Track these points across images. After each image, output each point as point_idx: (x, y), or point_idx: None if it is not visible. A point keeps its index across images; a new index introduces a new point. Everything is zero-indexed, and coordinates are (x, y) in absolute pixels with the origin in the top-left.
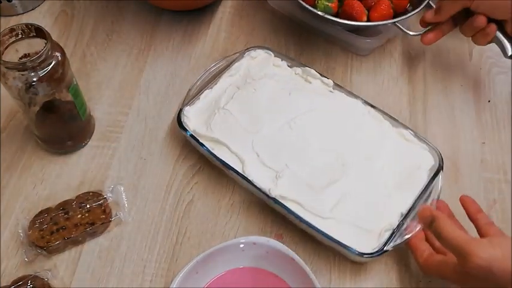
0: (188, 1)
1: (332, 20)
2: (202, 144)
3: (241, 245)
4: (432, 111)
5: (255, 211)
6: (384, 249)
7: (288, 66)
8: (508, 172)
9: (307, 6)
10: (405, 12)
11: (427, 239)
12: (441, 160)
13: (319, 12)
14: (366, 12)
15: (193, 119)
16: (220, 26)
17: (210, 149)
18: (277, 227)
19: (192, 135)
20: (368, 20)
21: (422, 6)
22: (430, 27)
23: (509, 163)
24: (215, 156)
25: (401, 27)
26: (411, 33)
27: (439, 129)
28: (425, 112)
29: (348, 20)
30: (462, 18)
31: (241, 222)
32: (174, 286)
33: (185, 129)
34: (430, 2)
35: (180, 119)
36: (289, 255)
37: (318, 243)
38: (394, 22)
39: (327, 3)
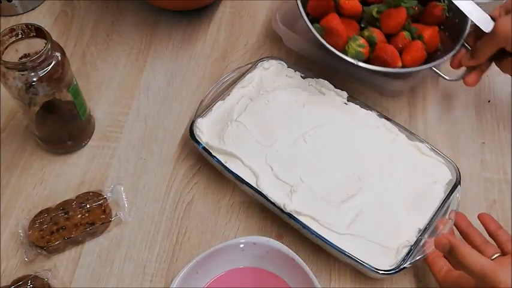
0: (188, 1)
1: (365, 67)
2: (215, 158)
3: (241, 245)
4: (432, 111)
5: (255, 211)
6: (402, 266)
7: (302, 77)
8: (508, 172)
9: (337, 52)
10: (437, 51)
11: (444, 255)
12: (458, 174)
13: (351, 60)
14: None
15: (205, 131)
16: (220, 26)
17: (223, 162)
18: (277, 227)
19: (204, 148)
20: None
21: (458, 48)
22: (467, 70)
23: (509, 163)
24: (228, 170)
25: (439, 72)
26: (448, 77)
27: (439, 129)
28: (425, 112)
29: (381, 65)
30: (498, 55)
31: (241, 222)
32: (174, 286)
33: (198, 142)
34: (465, 44)
35: (193, 131)
36: (289, 255)
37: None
38: (431, 67)
39: (359, 49)
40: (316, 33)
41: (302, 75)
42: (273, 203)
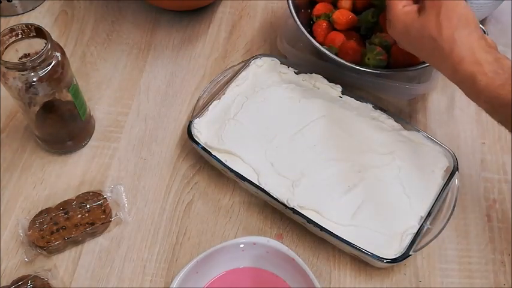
0: (188, 1)
1: (388, 73)
2: (215, 157)
3: (241, 245)
4: (432, 111)
5: (255, 211)
6: (407, 254)
7: (295, 72)
8: (508, 172)
9: (355, 66)
10: None
11: None
12: (456, 161)
13: (374, 70)
14: None
15: (203, 131)
16: (220, 26)
17: (223, 161)
18: (277, 227)
19: (204, 148)
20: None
21: None
22: None
23: (509, 163)
24: (229, 168)
25: None
26: None
27: (439, 129)
28: (425, 112)
29: (403, 67)
30: None
31: (241, 222)
32: (174, 286)
33: (197, 143)
34: None
35: (191, 132)
36: (289, 255)
37: (318, 243)
38: None
39: (378, 57)
40: (336, 57)
41: (295, 70)
42: (276, 199)
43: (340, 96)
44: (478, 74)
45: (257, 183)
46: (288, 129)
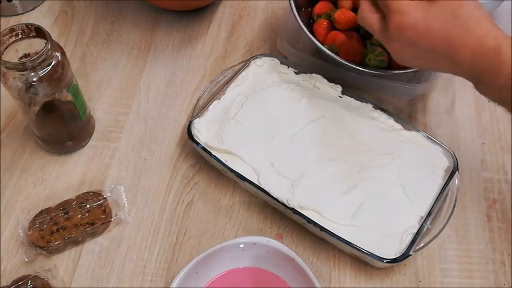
0: (188, 1)
1: (389, 74)
2: (215, 157)
3: (241, 245)
4: (432, 111)
5: (255, 211)
6: (407, 254)
7: (295, 73)
8: (508, 172)
9: (356, 67)
10: None
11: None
12: (456, 161)
13: (375, 71)
14: None
15: (203, 131)
16: (220, 26)
17: (223, 161)
18: (277, 227)
19: (204, 148)
20: None
21: None
22: None
23: (509, 163)
24: (229, 168)
25: None
26: None
27: (439, 129)
28: (425, 112)
29: (403, 68)
30: None
31: (241, 222)
32: (174, 286)
33: (197, 143)
34: None
35: (191, 132)
36: (289, 255)
37: (318, 243)
38: None
39: (379, 58)
40: (337, 56)
41: (295, 70)
42: (276, 199)
43: (340, 96)
44: (503, 46)
45: (257, 183)
46: (288, 129)
